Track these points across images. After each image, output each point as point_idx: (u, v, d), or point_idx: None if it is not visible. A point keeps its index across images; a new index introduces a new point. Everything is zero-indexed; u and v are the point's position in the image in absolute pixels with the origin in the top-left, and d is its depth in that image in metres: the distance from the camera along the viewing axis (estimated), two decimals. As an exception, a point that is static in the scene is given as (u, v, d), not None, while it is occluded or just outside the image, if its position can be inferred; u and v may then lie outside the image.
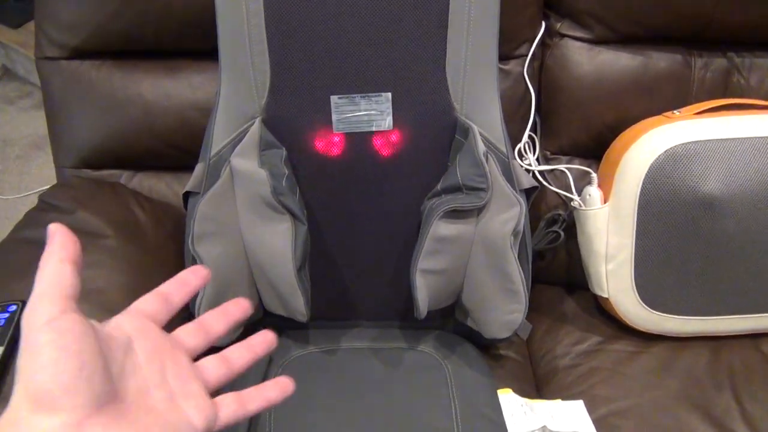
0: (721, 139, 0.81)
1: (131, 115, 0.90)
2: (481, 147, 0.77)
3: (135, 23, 0.85)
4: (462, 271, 0.80)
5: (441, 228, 0.75)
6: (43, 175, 1.84)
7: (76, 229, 0.81)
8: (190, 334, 0.42)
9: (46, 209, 0.85)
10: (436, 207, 0.76)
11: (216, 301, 0.78)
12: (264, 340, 0.46)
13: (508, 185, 0.77)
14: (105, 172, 0.95)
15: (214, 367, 0.42)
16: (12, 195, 1.78)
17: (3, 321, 0.70)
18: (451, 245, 0.76)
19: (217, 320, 0.44)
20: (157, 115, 0.90)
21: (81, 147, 0.93)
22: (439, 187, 0.79)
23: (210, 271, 0.45)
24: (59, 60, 0.90)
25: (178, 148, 0.92)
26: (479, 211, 0.77)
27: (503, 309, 0.78)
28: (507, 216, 0.75)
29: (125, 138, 0.92)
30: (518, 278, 0.76)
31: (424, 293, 0.76)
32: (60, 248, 0.36)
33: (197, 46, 0.87)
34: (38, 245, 0.79)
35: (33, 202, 0.90)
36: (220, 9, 0.77)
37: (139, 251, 0.83)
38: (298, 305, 0.78)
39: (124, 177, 0.96)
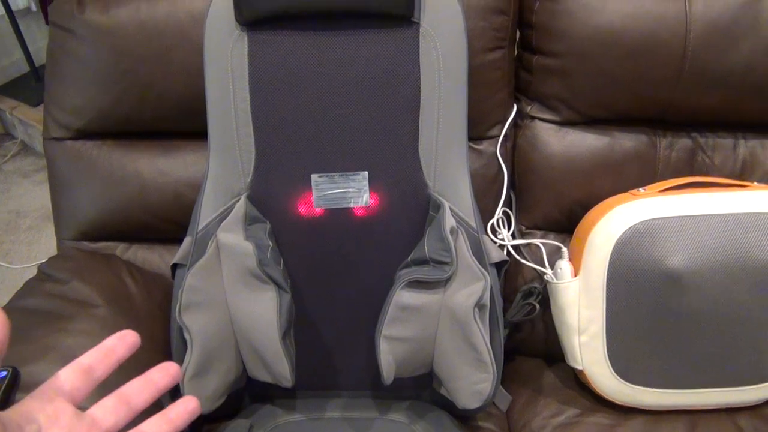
0: (684, 216, 0.85)
1: (128, 192, 0.96)
2: (449, 223, 0.81)
3: (134, 108, 0.92)
4: (431, 340, 0.83)
5: (404, 297, 0.78)
6: (51, 246, 1.90)
7: (70, 299, 0.86)
8: (109, 411, 0.40)
9: (43, 279, 0.90)
10: (401, 277, 0.80)
11: (202, 370, 0.81)
12: (185, 409, 0.43)
13: (475, 260, 0.81)
14: (102, 244, 1.00)
15: None
16: (20, 264, 1.84)
17: (-8, 386, 0.73)
18: (415, 314, 0.79)
19: (140, 391, 0.42)
20: (152, 192, 0.96)
21: (81, 221, 0.99)
22: (409, 258, 0.83)
23: (138, 339, 0.42)
24: (64, 140, 0.97)
25: (171, 222, 0.97)
26: (446, 283, 0.81)
27: (471, 379, 0.81)
28: (471, 289, 0.79)
29: (122, 213, 0.97)
30: (484, 349, 0.79)
31: (389, 359, 0.79)
32: None
33: (191, 127, 0.94)
34: (33, 314, 0.83)
35: (38, 271, 0.94)
36: (210, 95, 0.83)
37: (128, 321, 0.86)
38: (283, 371, 0.81)
39: (119, 249, 1.01)
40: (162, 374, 0.43)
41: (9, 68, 2.34)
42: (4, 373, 0.76)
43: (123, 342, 0.42)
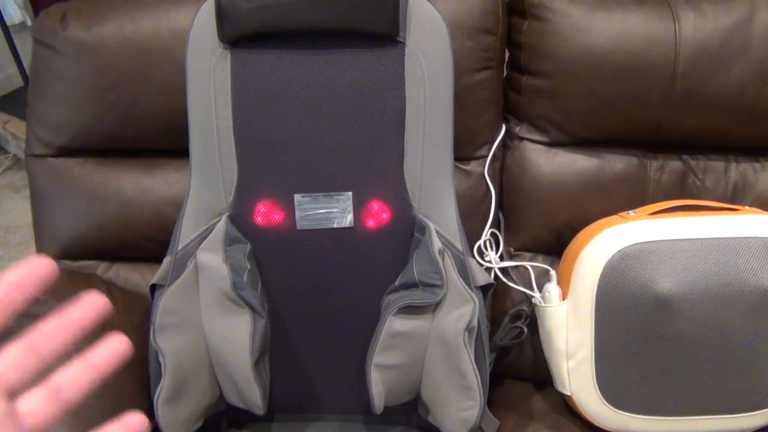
0: (673, 240, 0.83)
1: (110, 210, 0.94)
2: (437, 245, 0.79)
3: (116, 125, 0.91)
4: (419, 366, 0.81)
5: (396, 323, 0.76)
6: (39, 261, 1.88)
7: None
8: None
9: (20, 299, 0.88)
10: (391, 303, 0.78)
11: (176, 394, 0.79)
12: (112, 352, 0.31)
13: (462, 282, 0.79)
14: (83, 263, 0.99)
15: None
16: (8, 281, 1.82)
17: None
18: (406, 340, 0.77)
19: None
20: (134, 210, 0.94)
21: (62, 239, 0.97)
22: (397, 283, 0.82)
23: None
24: (45, 157, 0.95)
25: (153, 240, 0.95)
26: (435, 307, 0.79)
27: (458, 405, 0.79)
28: (461, 312, 0.77)
29: (104, 231, 0.96)
30: (472, 375, 0.77)
31: (380, 388, 0.77)
32: None
33: (174, 145, 0.93)
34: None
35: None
36: (193, 113, 0.82)
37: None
38: (254, 398, 0.79)
39: (101, 267, 0.99)
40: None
41: (3, 82, 2.33)
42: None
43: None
